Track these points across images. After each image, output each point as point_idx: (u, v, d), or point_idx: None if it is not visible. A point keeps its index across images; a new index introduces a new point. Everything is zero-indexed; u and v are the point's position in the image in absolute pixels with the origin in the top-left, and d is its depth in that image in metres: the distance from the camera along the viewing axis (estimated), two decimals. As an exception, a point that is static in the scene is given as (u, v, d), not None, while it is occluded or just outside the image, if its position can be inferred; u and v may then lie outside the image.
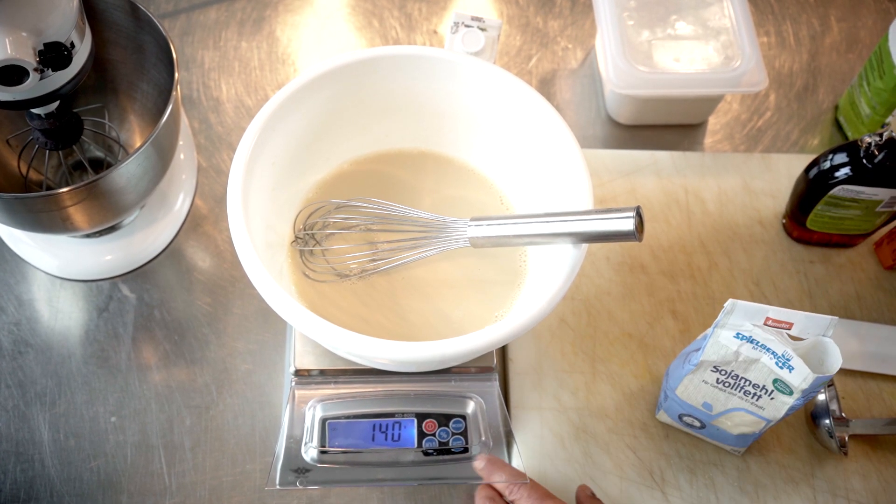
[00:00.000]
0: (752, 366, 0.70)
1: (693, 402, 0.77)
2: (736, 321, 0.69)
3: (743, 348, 0.70)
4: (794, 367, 0.68)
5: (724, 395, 0.74)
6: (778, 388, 0.70)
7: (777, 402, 0.72)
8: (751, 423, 0.75)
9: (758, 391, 0.72)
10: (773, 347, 0.69)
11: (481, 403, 0.80)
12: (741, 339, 0.69)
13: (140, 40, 0.85)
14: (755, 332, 0.69)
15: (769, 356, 0.69)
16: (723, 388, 0.74)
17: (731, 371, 0.72)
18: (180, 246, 0.93)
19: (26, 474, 0.81)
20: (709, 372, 0.73)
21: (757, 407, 0.73)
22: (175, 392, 0.85)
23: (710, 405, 0.76)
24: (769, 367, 0.70)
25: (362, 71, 0.79)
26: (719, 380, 0.73)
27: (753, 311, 0.68)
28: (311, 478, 0.77)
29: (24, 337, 0.87)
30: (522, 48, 1.08)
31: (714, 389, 0.74)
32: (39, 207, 0.77)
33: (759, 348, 0.69)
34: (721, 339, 0.70)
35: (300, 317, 0.66)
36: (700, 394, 0.76)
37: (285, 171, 0.79)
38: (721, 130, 1.05)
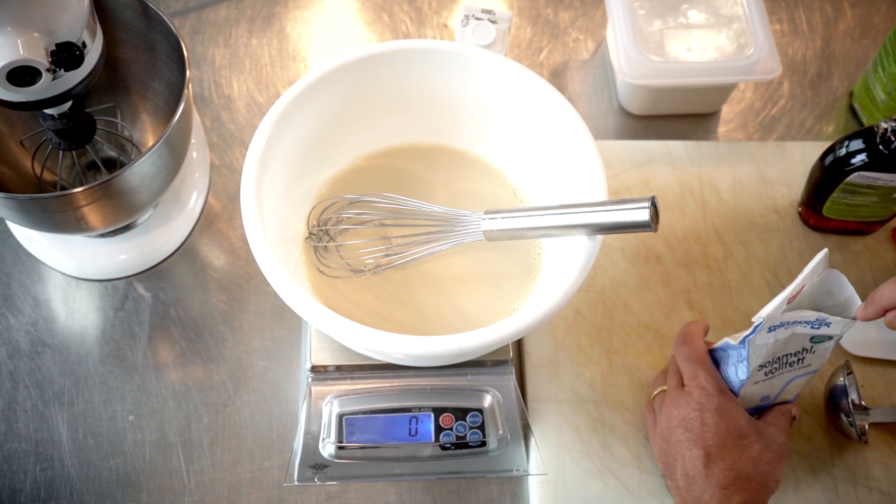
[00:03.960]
0: (789, 341, 0.71)
1: (751, 403, 0.76)
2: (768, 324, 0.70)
3: (779, 334, 0.70)
4: (830, 322, 0.70)
5: (775, 379, 0.74)
6: (816, 341, 0.72)
7: (819, 351, 0.73)
8: (805, 381, 0.76)
9: (801, 355, 0.73)
10: (804, 318, 0.70)
11: (498, 397, 0.80)
12: (775, 329, 0.70)
13: (151, 39, 0.85)
14: (787, 317, 0.69)
15: (802, 326, 0.70)
16: (771, 376, 0.73)
17: (774, 357, 0.72)
18: (194, 244, 0.93)
19: (46, 474, 0.82)
20: (755, 374, 0.72)
21: (804, 367, 0.74)
22: (192, 390, 0.86)
23: (767, 395, 0.76)
24: (804, 333, 0.71)
25: (373, 66, 0.79)
26: (767, 373, 0.73)
27: (778, 308, 0.69)
28: (328, 473, 0.78)
29: (42, 337, 0.87)
30: (533, 40, 1.08)
31: (764, 383, 0.74)
32: (54, 208, 0.77)
33: (791, 325, 0.70)
34: (758, 342, 0.70)
35: (315, 313, 0.66)
36: (755, 395, 0.75)
37: (298, 167, 0.79)
38: (735, 119, 1.04)
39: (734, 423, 0.71)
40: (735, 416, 0.71)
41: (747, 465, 0.70)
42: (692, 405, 0.72)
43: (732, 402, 0.72)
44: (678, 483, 0.72)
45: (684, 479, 0.71)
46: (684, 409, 0.72)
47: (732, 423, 0.71)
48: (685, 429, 0.72)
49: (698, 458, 0.70)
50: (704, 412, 0.71)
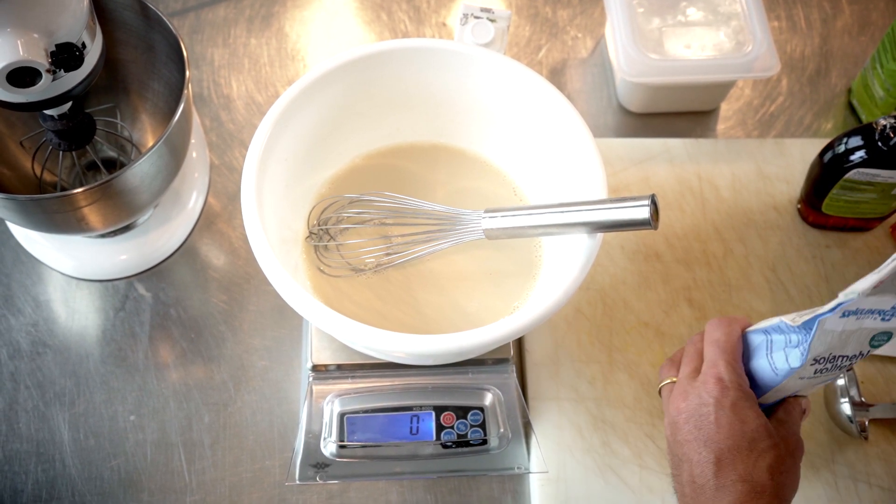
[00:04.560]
0: (851, 337, 0.63)
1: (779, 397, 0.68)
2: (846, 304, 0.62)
3: (849, 324, 0.63)
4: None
5: (820, 379, 0.66)
6: (874, 343, 0.64)
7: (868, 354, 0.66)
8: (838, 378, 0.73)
9: (854, 360, 0.65)
10: (880, 307, 0.62)
11: (499, 395, 0.80)
12: (848, 315, 0.62)
13: (150, 39, 0.85)
14: (863, 303, 0.62)
15: (874, 317, 0.63)
16: (818, 376, 0.66)
17: (830, 354, 0.64)
18: (195, 244, 0.93)
19: (48, 474, 0.82)
20: (808, 367, 0.64)
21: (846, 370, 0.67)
22: (193, 390, 0.86)
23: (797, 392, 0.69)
24: (870, 328, 0.63)
25: (372, 65, 0.79)
26: (818, 370, 0.65)
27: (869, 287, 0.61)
28: (330, 472, 0.78)
29: (42, 338, 0.88)
30: (532, 38, 1.08)
31: (806, 382, 0.66)
32: (54, 208, 0.77)
33: (863, 315, 0.63)
34: (827, 327, 0.62)
35: (316, 312, 0.66)
36: (791, 389, 0.67)
37: (298, 166, 0.79)
38: (733, 116, 1.04)
39: (750, 424, 0.64)
40: (751, 417, 0.64)
41: (763, 476, 0.62)
42: (705, 398, 0.65)
43: (750, 400, 0.65)
44: (684, 490, 0.65)
45: (691, 486, 0.64)
46: (695, 402, 0.65)
47: (749, 425, 0.63)
48: (695, 426, 0.65)
49: (708, 462, 0.63)
50: (719, 408, 0.64)
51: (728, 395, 0.64)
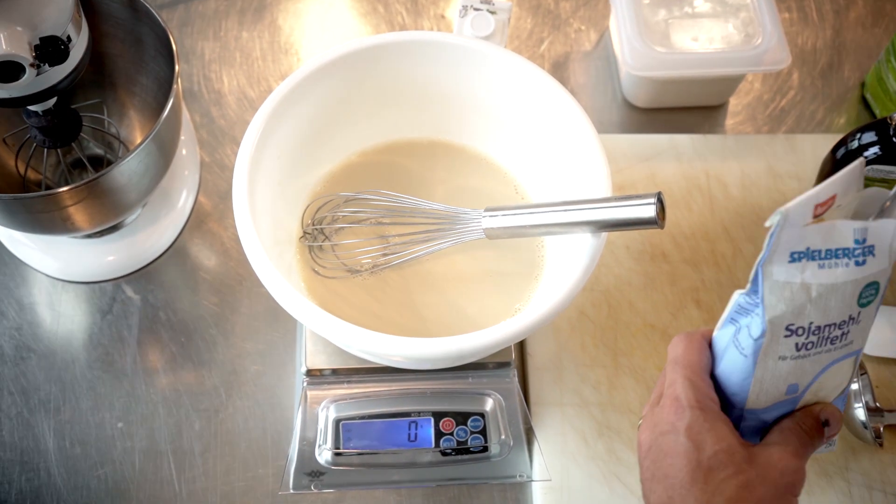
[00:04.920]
0: (831, 298, 0.55)
1: (773, 397, 0.58)
2: (787, 240, 0.54)
3: (810, 274, 0.54)
4: (874, 245, 0.55)
5: (810, 360, 0.57)
6: (863, 301, 0.56)
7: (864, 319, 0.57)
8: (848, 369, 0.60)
9: (846, 327, 0.56)
10: (842, 243, 0.54)
11: (500, 400, 0.80)
12: (800, 259, 0.54)
13: (138, 32, 0.85)
14: (813, 240, 0.54)
15: (845, 262, 0.55)
16: (807, 354, 0.56)
17: (811, 324, 0.55)
18: (184, 244, 0.93)
19: (32, 483, 0.81)
20: (782, 341, 0.55)
21: (846, 344, 0.58)
22: (183, 396, 0.86)
23: (796, 386, 0.58)
24: (851, 280, 0.55)
25: (368, 59, 0.79)
26: (800, 345, 0.56)
27: (803, 209, 0.54)
28: (325, 481, 0.78)
29: (26, 342, 0.87)
30: (534, 31, 1.08)
31: (794, 363, 0.57)
32: (39, 208, 0.77)
33: (829, 260, 0.55)
34: (777, 277, 0.54)
35: (311, 314, 0.66)
36: (780, 381, 0.57)
37: (292, 164, 0.79)
38: (743, 111, 1.04)
39: (707, 450, 0.55)
40: (710, 441, 0.55)
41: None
42: (661, 426, 0.58)
43: (712, 419, 0.56)
44: None
45: None
46: (649, 434, 0.58)
47: (706, 451, 0.55)
48: (652, 461, 0.58)
49: (661, 503, 0.56)
50: (674, 435, 0.56)
51: (683, 418, 0.56)
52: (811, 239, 0.54)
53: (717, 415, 0.57)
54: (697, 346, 0.60)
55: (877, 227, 0.55)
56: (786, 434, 0.57)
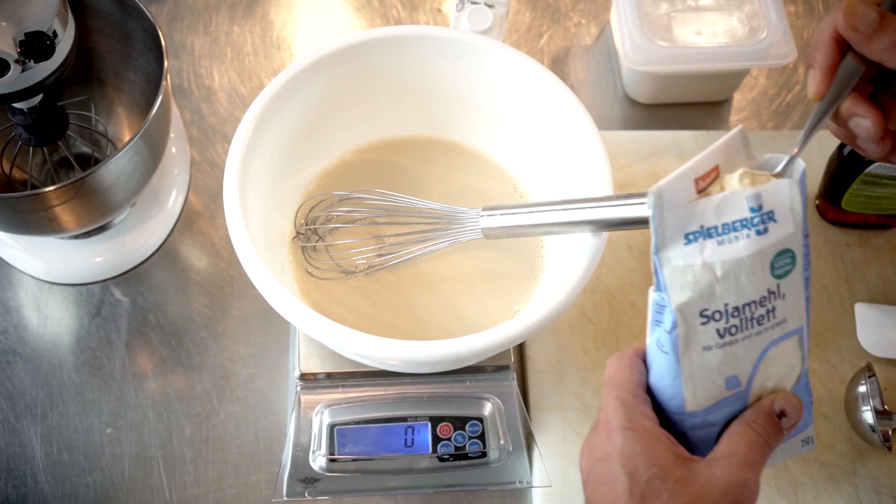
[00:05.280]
0: (740, 274, 0.52)
1: (712, 393, 0.55)
2: (674, 222, 0.53)
3: (710, 252, 0.52)
4: (772, 210, 0.53)
5: (740, 346, 0.54)
6: (779, 272, 0.53)
7: (789, 290, 0.54)
8: (792, 351, 0.56)
9: (768, 303, 0.54)
10: (738, 214, 0.52)
11: (499, 404, 0.80)
12: (696, 239, 0.53)
13: (126, 27, 0.85)
14: (704, 217, 0.52)
15: (745, 234, 0.52)
16: (732, 339, 0.54)
17: (727, 306, 0.53)
18: (174, 245, 0.93)
19: (18, 491, 0.82)
20: (700, 329, 0.53)
21: (778, 323, 0.55)
22: (173, 400, 0.86)
23: (735, 378, 0.55)
24: (757, 251, 0.52)
25: (363, 54, 0.79)
26: (722, 331, 0.53)
27: (679, 185, 0.53)
28: (320, 488, 0.78)
29: (12, 346, 0.87)
30: (533, 25, 1.08)
31: (723, 351, 0.54)
32: (24, 208, 0.77)
33: (727, 234, 0.53)
34: (675, 262, 0.52)
35: (304, 317, 0.66)
36: (715, 375, 0.54)
37: (284, 162, 0.79)
38: (747, 107, 1.04)
39: (642, 474, 0.52)
40: (645, 463, 0.52)
41: None
42: (595, 454, 0.55)
43: (646, 439, 0.53)
44: None
45: None
46: (586, 462, 0.56)
47: (640, 477, 0.52)
48: (591, 490, 0.56)
49: None
50: (604, 463, 0.54)
51: (615, 442, 0.54)
52: (703, 216, 0.52)
53: (650, 434, 0.54)
54: (628, 363, 0.57)
55: (770, 189, 0.53)
56: (733, 441, 0.54)
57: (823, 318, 0.89)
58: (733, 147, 0.56)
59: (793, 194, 0.54)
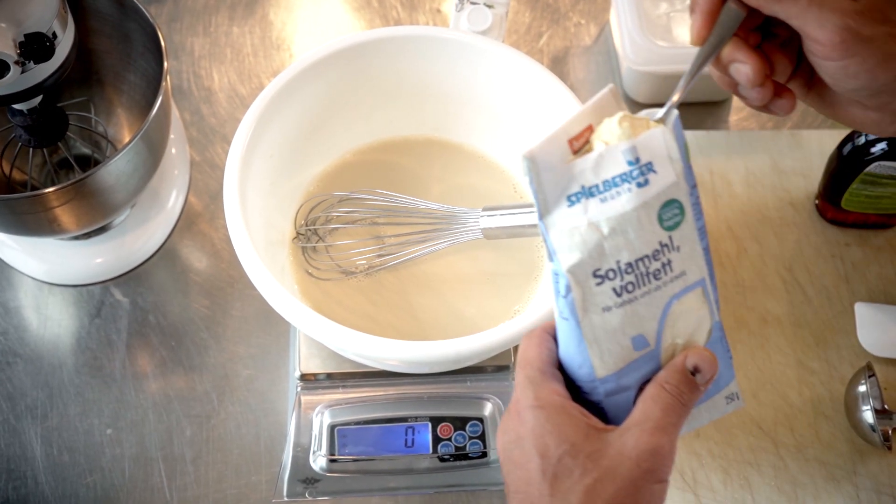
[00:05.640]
0: (627, 229, 0.52)
1: (621, 356, 0.53)
2: (553, 185, 0.52)
3: (594, 211, 0.51)
4: (651, 161, 0.52)
5: (641, 303, 0.53)
6: (666, 220, 0.53)
7: (683, 241, 0.54)
8: (699, 305, 0.55)
9: (661, 255, 0.53)
10: (617, 170, 0.51)
11: (499, 405, 0.80)
12: (579, 199, 0.52)
13: (126, 28, 0.85)
14: (584, 177, 0.51)
15: (626, 188, 0.51)
16: (631, 296, 0.52)
17: (619, 263, 0.52)
18: (175, 246, 0.93)
19: (19, 492, 0.82)
20: (596, 290, 0.52)
21: (677, 275, 0.54)
22: (173, 401, 0.86)
23: (642, 338, 0.54)
24: (640, 203, 0.51)
25: (363, 55, 0.79)
26: (619, 289, 0.52)
27: (552, 147, 0.52)
28: (320, 488, 0.78)
29: (12, 347, 0.87)
30: (532, 25, 1.08)
31: (622, 311, 0.52)
32: (24, 209, 0.77)
33: (608, 191, 0.52)
34: (560, 226, 0.52)
35: (304, 317, 0.66)
36: (620, 336, 0.53)
37: (284, 163, 0.79)
38: (747, 107, 1.04)
39: (553, 453, 0.51)
40: (556, 440, 0.51)
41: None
42: (508, 436, 0.54)
43: (556, 415, 0.52)
44: None
45: None
46: (500, 445, 0.55)
47: (551, 456, 0.51)
48: (506, 472, 0.54)
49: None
50: (516, 445, 0.53)
51: (525, 422, 0.52)
52: (583, 176, 0.52)
53: (560, 409, 0.52)
54: (536, 341, 0.55)
55: (644, 140, 0.52)
56: (646, 406, 0.52)
57: (823, 318, 0.89)
58: (605, 107, 0.54)
59: (668, 142, 0.53)
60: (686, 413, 0.52)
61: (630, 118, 0.53)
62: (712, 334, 0.56)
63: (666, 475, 0.51)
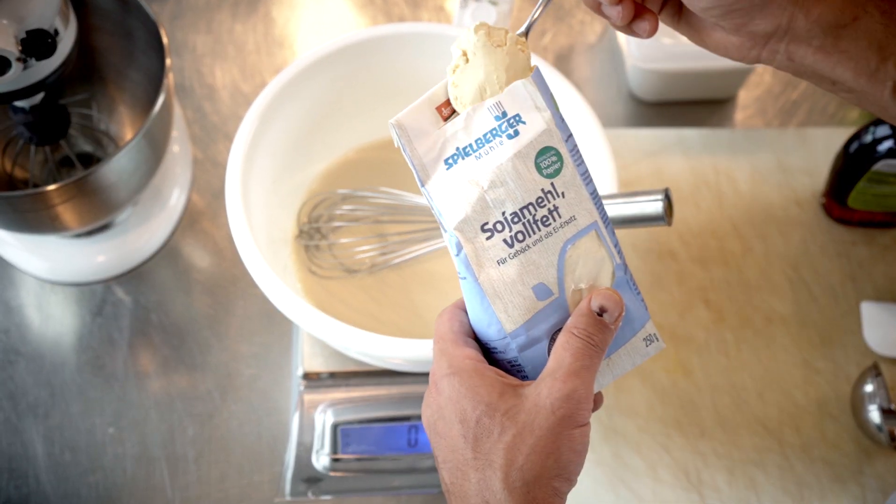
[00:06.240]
0: (506, 179, 0.52)
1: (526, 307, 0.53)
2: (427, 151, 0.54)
3: (471, 169, 0.53)
4: (518, 113, 0.53)
5: (534, 251, 0.53)
6: (545, 168, 0.53)
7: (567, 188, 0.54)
8: (596, 247, 0.55)
9: (547, 203, 0.53)
10: (486, 126, 0.53)
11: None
12: (456, 161, 0.53)
13: (128, 25, 0.85)
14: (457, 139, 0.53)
15: (499, 142, 0.53)
16: (522, 244, 0.53)
17: (503, 214, 0.53)
18: (177, 244, 0.93)
19: (20, 491, 0.82)
20: (487, 244, 0.53)
21: (567, 222, 0.54)
22: (176, 400, 0.86)
23: (543, 285, 0.54)
24: (513, 153, 0.52)
25: (366, 52, 0.79)
26: (510, 240, 0.53)
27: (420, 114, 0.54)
28: (323, 487, 0.78)
29: (14, 345, 0.87)
30: (536, 22, 1.08)
31: (517, 261, 0.53)
32: (26, 207, 0.77)
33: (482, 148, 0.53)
34: (443, 189, 0.53)
35: (307, 316, 0.66)
36: (518, 284, 0.53)
37: (287, 161, 0.79)
38: (752, 105, 1.04)
39: (470, 416, 0.51)
40: (472, 403, 0.51)
41: (495, 481, 0.49)
42: (430, 409, 0.54)
43: (469, 378, 0.51)
44: None
45: None
46: (425, 420, 0.55)
47: (469, 419, 0.51)
48: (434, 446, 0.54)
49: (446, 493, 0.53)
50: (438, 416, 0.53)
51: (442, 392, 0.52)
52: (455, 138, 0.53)
53: (472, 372, 0.52)
54: (448, 316, 0.56)
55: (508, 94, 0.54)
56: (557, 354, 0.52)
57: (829, 317, 0.89)
58: None
59: (531, 93, 0.54)
60: (599, 354, 0.52)
61: (486, 26, 0.56)
62: (616, 276, 0.56)
63: (585, 419, 0.51)
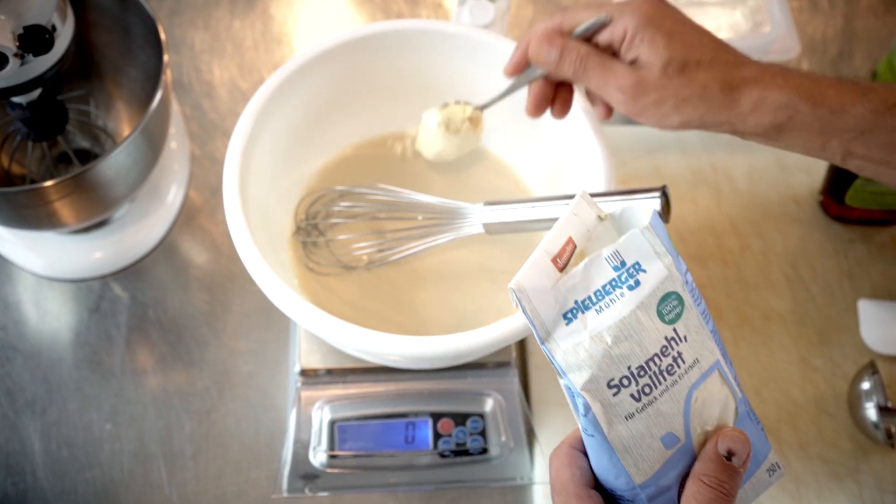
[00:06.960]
0: (631, 333, 0.51)
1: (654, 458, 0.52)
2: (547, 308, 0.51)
3: (593, 324, 0.51)
4: (637, 261, 0.52)
5: (662, 402, 0.52)
6: (670, 318, 0.52)
7: (690, 332, 0.53)
8: (719, 387, 0.54)
9: (669, 349, 0.52)
10: (605, 277, 0.51)
11: (500, 401, 0.80)
12: (575, 316, 0.51)
13: (126, 22, 0.85)
14: (575, 292, 0.51)
15: (619, 294, 0.51)
16: (648, 398, 0.51)
17: (629, 369, 0.51)
18: (174, 241, 0.93)
19: (17, 488, 0.82)
20: (614, 401, 0.51)
21: (690, 365, 0.53)
22: (173, 396, 0.86)
23: (671, 434, 0.52)
24: (636, 305, 0.51)
25: (364, 48, 0.79)
26: (637, 394, 0.51)
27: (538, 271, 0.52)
28: (320, 484, 0.78)
29: (11, 341, 0.87)
30: (535, 19, 1.08)
31: (643, 416, 0.51)
32: (23, 203, 0.77)
33: (602, 300, 0.51)
34: (564, 346, 0.51)
35: (304, 312, 0.66)
36: (646, 437, 0.52)
37: (285, 157, 0.79)
38: (750, 102, 1.04)
39: None
40: None
41: None
42: None
43: None
44: None
45: None
46: None
47: None
48: None
49: None
50: None
51: None
52: (573, 292, 0.51)
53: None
54: (566, 461, 0.53)
55: (625, 242, 0.52)
56: (694, 497, 0.50)
57: (827, 315, 0.89)
58: (580, 214, 0.54)
59: (650, 240, 0.53)
60: (731, 502, 0.50)
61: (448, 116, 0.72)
62: (739, 412, 0.55)
63: None
